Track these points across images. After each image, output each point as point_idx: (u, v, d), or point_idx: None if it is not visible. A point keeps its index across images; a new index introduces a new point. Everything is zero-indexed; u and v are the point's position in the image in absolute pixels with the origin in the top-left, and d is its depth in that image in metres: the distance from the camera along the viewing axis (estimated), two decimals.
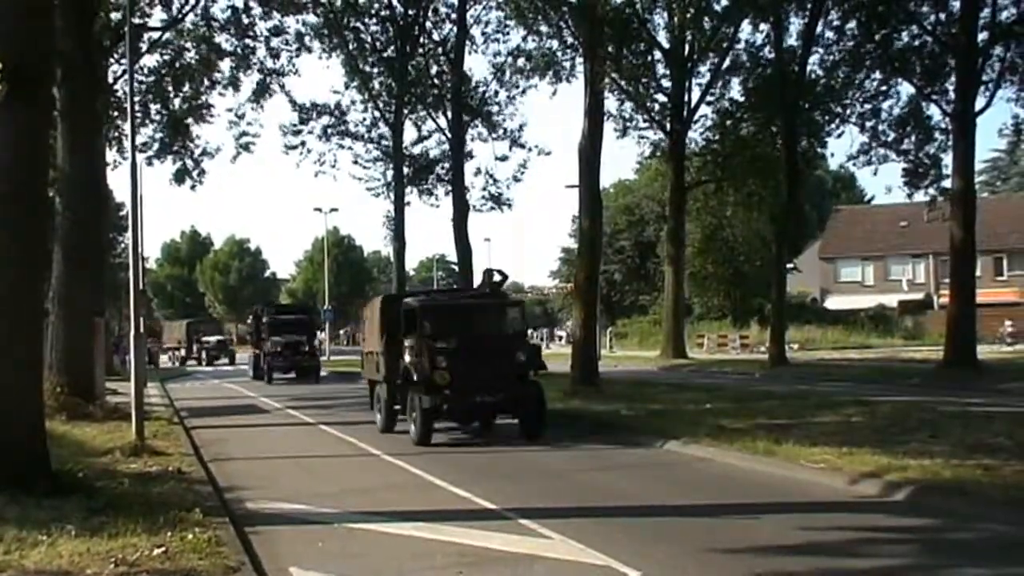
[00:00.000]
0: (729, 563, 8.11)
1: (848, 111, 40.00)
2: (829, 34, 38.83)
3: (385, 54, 44.65)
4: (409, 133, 46.20)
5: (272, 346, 38.87)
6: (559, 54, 38.63)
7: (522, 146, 44.23)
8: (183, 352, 64.00)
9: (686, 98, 45.44)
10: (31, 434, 10.92)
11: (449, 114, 42.24)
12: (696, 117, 45.95)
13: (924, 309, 64.91)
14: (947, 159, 35.12)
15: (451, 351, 16.66)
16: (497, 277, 19.04)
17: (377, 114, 46.19)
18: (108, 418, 19.92)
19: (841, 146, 64.70)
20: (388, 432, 18.31)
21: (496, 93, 43.57)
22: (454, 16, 41.52)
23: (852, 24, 36.95)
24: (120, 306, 43.42)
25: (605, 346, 52.01)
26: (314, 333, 44.11)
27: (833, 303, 70.43)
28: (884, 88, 38.16)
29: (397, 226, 46.37)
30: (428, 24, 43.34)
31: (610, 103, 41.57)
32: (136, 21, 27.42)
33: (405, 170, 45.71)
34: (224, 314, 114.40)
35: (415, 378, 16.81)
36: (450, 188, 42.06)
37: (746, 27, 42.77)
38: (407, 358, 17.37)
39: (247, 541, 9.14)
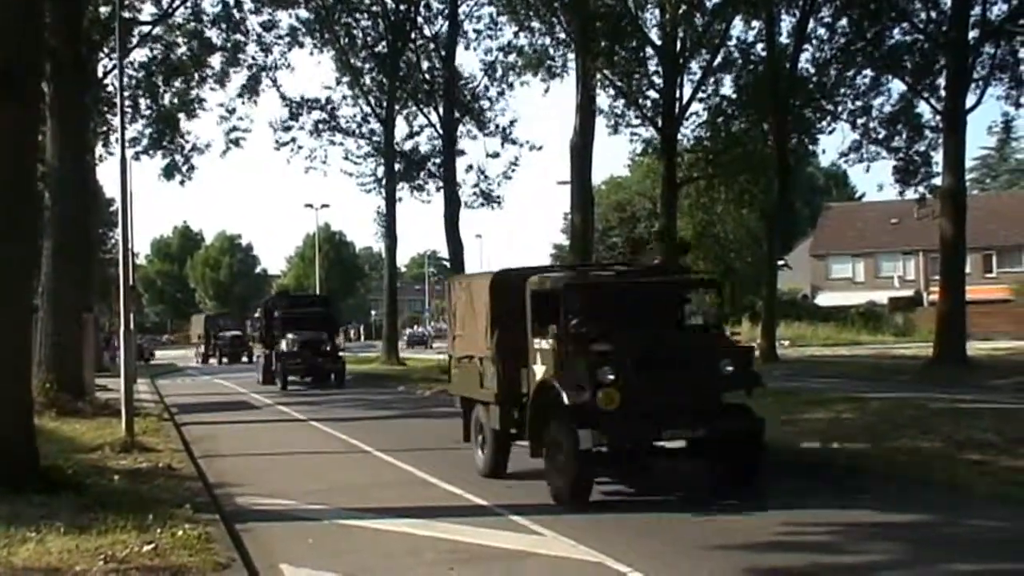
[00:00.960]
0: (721, 559, 8.11)
1: (839, 108, 40.06)
2: (821, 31, 38.88)
3: (376, 49, 44.52)
4: (400, 129, 46.12)
5: (288, 345, 32.85)
6: (551, 50, 38.64)
7: (513, 142, 44.19)
8: (203, 349, 60.94)
9: (678, 95, 45.29)
10: (20, 430, 10.88)
11: (441, 110, 42.16)
12: (688, 114, 45.77)
13: (914, 306, 65.09)
14: (938, 156, 35.22)
15: (619, 358, 10.74)
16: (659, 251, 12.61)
17: (368, 110, 46.03)
18: (98, 414, 19.88)
19: (832, 143, 65.19)
20: (497, 476, 12.54)
21: (487, 89, 43.53)
22: (446, 12, 41.45)
23: (844, 21, 37.01)
24: (110, 302, 43.28)
25: None
26: (336, 329, 36.80)
27: (824, 300, 70.57)
28: (875, 85, 38.27)
29: (388, 222, 46.26)
30: (420, 20, 43.24)
31: (602, 100, 41.42)
32: (126, 15, 27.28)
33: (396, 166, 45.61)
34: (215, 310, 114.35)
35: (562, 399, 10.66)
36: (441, 184, 41.99)
37: (738, 24, 42.76)
38: (541, 367, 11.52)
39: (237, 538, 9.11)
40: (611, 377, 10.47)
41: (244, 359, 54.95)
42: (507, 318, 12.16)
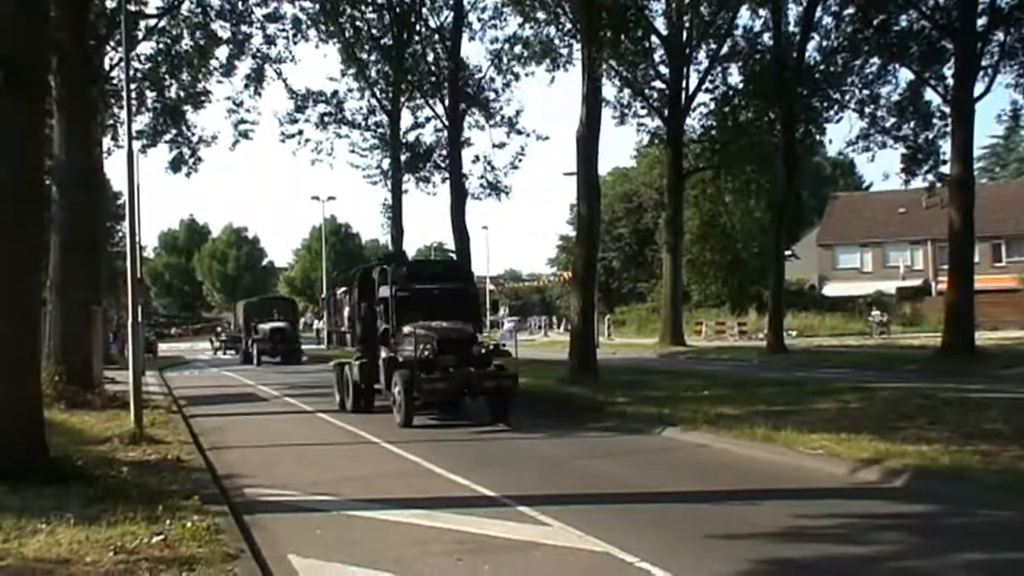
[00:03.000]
0: (727, 549, 8.11)
1: (847, 97, 39.97)
2: (827, 20, 38.84)
3: (382, 41, 44.48)
4: (406, 120, 46.09)
5: (420, 346, 18.05)
6: (556, 41, 38.62)
7: (519, 132, 44.14)
8: (243, 345, 48.62)
9: (684, 85, 45.40)
10: (29, 423, 10.92)
11: (446, 101, 42.12)
12: (694, 104, 45.95)
13: (922, 295, 64.96)
14: (946, 145, 35.09)
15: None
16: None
17: (374, 102, 46.06)
18: (106, 406, 19.94)
19: (839, 132, 65.02)
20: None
21: (493, 80, 43.46)
22: (451, 3, 41.31)
23: (851, 9, 36.89)
24: (118, 295, 43.38)
25: (603, 334, 52.01)
26: (479, 317, 21.85)
27: (831, 290, 70.45)
28: (883, 74, 38.14)
29: (395, 214, 46.23)
30: (425, 11, 43.13)
31: (608, 90, 41.57)
32: (132, 8, 27.26)
33: (402, 158, 45.59)
34: (222, 303, 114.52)
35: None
36: (447, 175, 41.96)
37: (744, 13, 42.77)
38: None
39: (246, 529, 9.15)
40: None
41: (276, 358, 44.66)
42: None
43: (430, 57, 43.90)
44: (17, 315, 10.81)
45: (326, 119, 45.75)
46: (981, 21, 31.92)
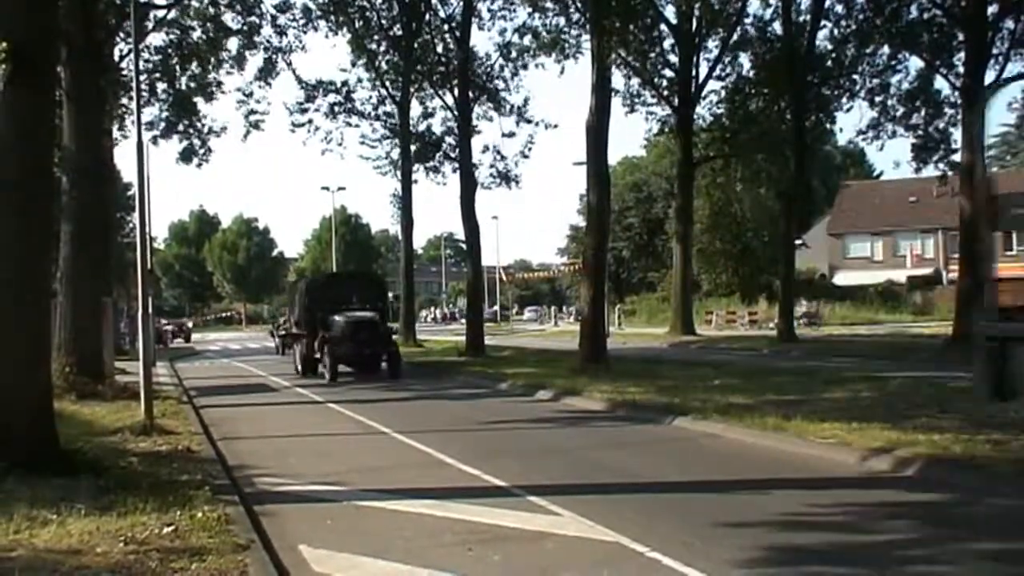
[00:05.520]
0: (738, 538, 8.09)
1: (857, 86, 39.85)
2: (838, 8, 38.70)
3: (391, 32, 44.44)
4: (415, 111, 46.08)
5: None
6: (565, 30, 38.48)
7: (528, 121, 44.06)
8: (303, 347, 30.07)
9: (694, 73, 45.31)
10: (40, 414, 10.94)
11: (456, 91, 42.06)
12: (704, 93, 45.86)
13: (933, 284, 64.80)
14: (956, 134, 34.98)
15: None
16: None
17: (384, 92, 46.03)
18: (117, 397, 19.99)
19: (850, 121, 64.82)
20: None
21: (502, 69, 43.36)
22: None
23: None
24: (128, 286, 43.46)
25: (613, 323, 52.02)
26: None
27: (842, 279, 70.34)
28: (893, 63, 38.01)
29: (405, 204, 46.28)
30: (434, 1, 43.10)
31: (617, 79, 41.50)
32: (141, 0, 27.25)
33: (412, 148, 45.58)
34: (232, 293, 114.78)
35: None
36: (457, 165, 41.93)
37: (754, 1, 42.82)
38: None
39: (256, 519, 9.16)
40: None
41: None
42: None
43: (439, 48, 43.86)
44: (28, 306, 10.83)
45: (336, 109, 45.75)
46: (992, 9, 31.79)
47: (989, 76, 31.66)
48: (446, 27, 42.85)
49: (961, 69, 32.97)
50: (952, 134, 36.08)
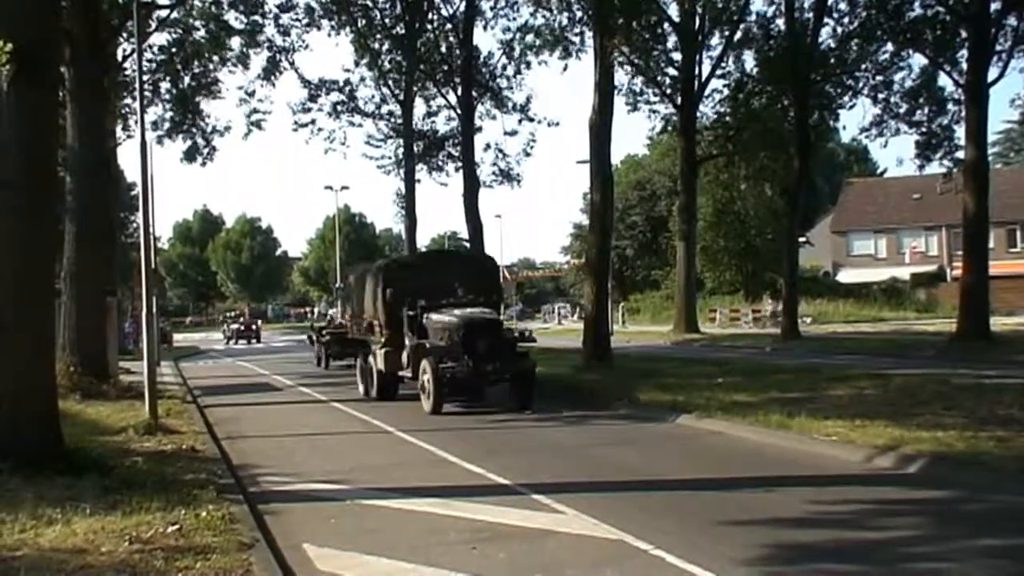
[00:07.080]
0: (742, 536, 8.09)
1: (860, 83, 39.84)
2: (842, 5, 38.62)
3: (394, 31, 44.43)
4: (419, 110, 46.07)
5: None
6: (568, 28, 38.45)
7: (531, 119, 44.07)
8: (380, 359, 20.47)
9: (697, 71, 45.26)
10: (45, 413, 10.97)
11: (459, 90, 42.06)
12: (707, 91, 45.83)
13: (937, 281, 64.74)
14: (960, 131, 34.94)
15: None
16: None
17: (387, 91, 46.03)
18: (121, 397, 20.05)
19: (853, 118, 64.74)
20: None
21: (505, 68, 43.36)
22: None
23: None
24: (132, 285, 43.53)
25: (617, 321, 52.01)
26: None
27: (845, 276, 70.28)
28: (896, 59, 37.98)
29: (408, 203, 46.26)
30: (437, 0, 43.10)
31: (620, 77, 41.39)
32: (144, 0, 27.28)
33: (415, 147, 45.58)
34: (236, 293, 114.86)
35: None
36: (460, 164, 41.92)
37: None
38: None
39: (261, 518, 9.17)
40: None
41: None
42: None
43: (442, 46, 43.84)
44: (32, 306, 10.85)
45: (339, 108, 45.75)
46: (995, 6, 31.74)
47: (992, 73, 31.64)
48: (449, 26, 42.86)
49: (964, 66, 32.92)
50: (955, 131, 36.10)
